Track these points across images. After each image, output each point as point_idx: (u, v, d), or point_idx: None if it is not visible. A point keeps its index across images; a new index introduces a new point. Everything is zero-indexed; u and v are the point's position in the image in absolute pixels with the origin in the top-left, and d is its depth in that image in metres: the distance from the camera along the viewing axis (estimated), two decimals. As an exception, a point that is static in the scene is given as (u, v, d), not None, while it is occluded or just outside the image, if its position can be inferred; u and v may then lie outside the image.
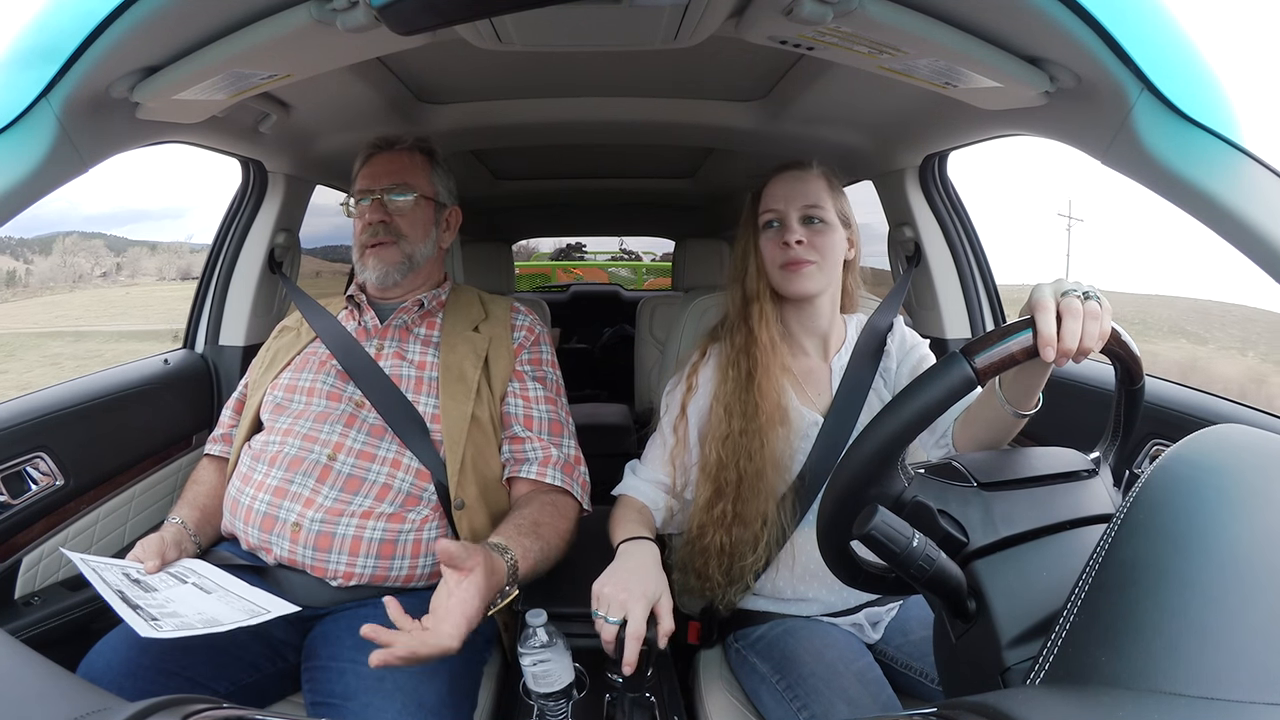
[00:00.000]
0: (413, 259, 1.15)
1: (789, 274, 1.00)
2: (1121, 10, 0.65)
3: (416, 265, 1.16)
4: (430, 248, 1.18)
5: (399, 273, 1.14)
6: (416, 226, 1.15)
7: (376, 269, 1.13)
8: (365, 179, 1.16)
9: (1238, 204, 0.65)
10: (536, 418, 1.10)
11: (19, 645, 0.42)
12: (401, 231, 1.13)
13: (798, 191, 1.01)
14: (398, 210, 1.13)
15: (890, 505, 0.57)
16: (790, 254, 0.98)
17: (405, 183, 1.14)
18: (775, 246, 1.00)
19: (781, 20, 0.73)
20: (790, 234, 0.98)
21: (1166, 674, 0.33)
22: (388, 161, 1.16)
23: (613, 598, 0.78)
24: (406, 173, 1.15)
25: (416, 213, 1.15)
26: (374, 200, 1.13)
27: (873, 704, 0.83)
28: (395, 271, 1.13)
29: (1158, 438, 1.01)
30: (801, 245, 0.98)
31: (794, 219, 1.00)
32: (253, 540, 0.97)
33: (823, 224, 1.00)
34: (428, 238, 1.17)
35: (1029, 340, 0.59)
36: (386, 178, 1.14)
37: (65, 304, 9.10)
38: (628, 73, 1.30)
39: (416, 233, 1.15)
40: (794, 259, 0.98)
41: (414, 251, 1.15)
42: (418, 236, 1.15)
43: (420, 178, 1.17)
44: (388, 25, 0.66)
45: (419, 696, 0.83)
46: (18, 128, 0.69)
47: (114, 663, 0.84)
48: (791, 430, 0.99)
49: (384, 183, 1.14)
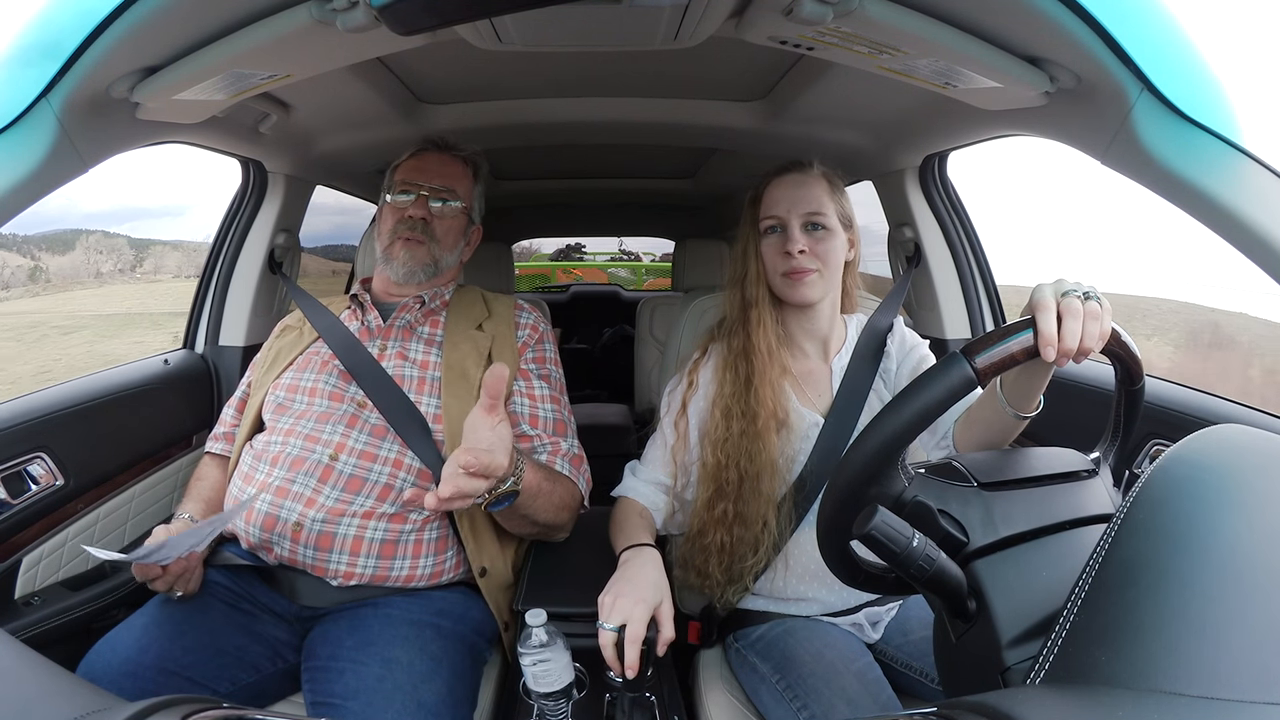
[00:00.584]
0: (439, 264, 1.16)
1: (791, 282, 0.99)
2: (1121, 10, 0.65)
3: (441, 270, 1.17)
4: (454, 259, 1.20)
5: (424, 273, 1.15)
6: (450, 234, 1.16)
7: (406, 263, 1.13)
8: (412, 172, 1.16)
9: (1237, 204, 0.65)
10: (542, 417, 1.10)
11: (19, 645, 0.42)
12: (436, 235, 1.14)
13: (800, 197, 1.00)
14: (438, 214, 1.14)
15: (890, 505, 0.57)
16: (793, 263, 0.98)
17: (453, 189, 1.15)
18: (777, 253, 1.00)
19: (781, 20, 0.73)
20: (793, 243, 0.98)
21: (1166, 674, 0.33)
22: (441, 164, 1.17)
23: (613, 605, 0.78)
24: (457, 180, 1.17)
25: (454, 222, 1.16)
26: (419, 196, 1.14)
27: (873, 704, 0.83)
28: (421, 271, 1.14)
29: (1158, 438, 1.01)
30: (804, 254, 0.98)
31: (796, 226, 0.99)
32: (254, 540, 0.97)
33: (824, 230, 1.00)
34: (455, 248, 1.18)
35: (1030, 340, 0.59)
36: (438, 178, 1.15)
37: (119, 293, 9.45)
38: (628, 73, 1.30)
39: (449, 240, 1.16)
40: (797, 268, 0.98)
41: (441, 258, 1.16)
42: (449, 244, 1.16)
43: (466, 188, 1.18)
44: (388, 25, 0.66)
45: (419, 696, 0.83)
46: (18, 128, 0.69)
47: (114, 663, 0.85)
48: (792, 432, 0.99)
49: (434, 182, 1.15)
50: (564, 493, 1.01)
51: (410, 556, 0.97)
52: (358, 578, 0.95)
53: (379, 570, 0.95)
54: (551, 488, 0.96)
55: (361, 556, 0.94)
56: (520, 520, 0.97)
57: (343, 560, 0.94)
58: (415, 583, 0.98)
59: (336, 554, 0.94)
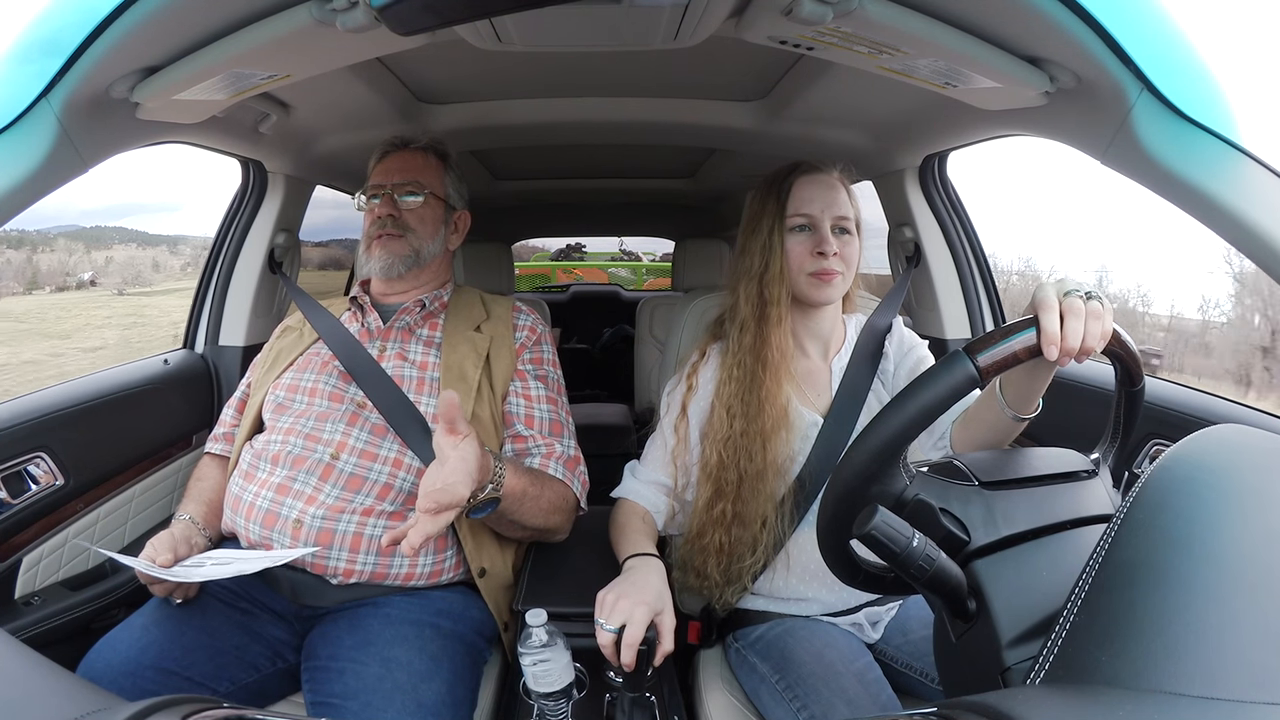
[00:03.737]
0: (419, 254, 1.16)
1: (818, 283, 0.99)
2: (1121, 10, 0.65)
3: (423, 261, 1.17)
4: (438, 246, 1.19)
5: (404, 265, 1.15)
6: (425, 224, 1.16)
7: (382, 259, 1.14)
8: (378, 175, 1.17)
9: (1237, 204, 0.65)
10: (538, 417, 1.10)
11: (19, 645, 0.42)
12: (409, 226, 1.15)
13: (831, 200, 1.00)
14: (407, 208, 1.15)
15: (891, 504, 0.57)
16: (825, 264, 0.98)
17: (417, 181, 1.16)
18: (806, 253, 0.99)
19: (781, 20, 0.73)
20: (827, 245, 0.97)
21: (1166, 674, 0.33)
22: (401, 160, 1.17)
23: (614, 605, 0.78)
24: (419, 171, 1.17)
25: (426, 211, 1.16)
26: (384, 196, 1.15)
27: (872, 704, 0.83)
28: (400, 263, 1.14)
29: (1158, 438, 1.01)
30: (835, 256, 0.98)
31: (827, 228, 0.99)
32: (253, 537, 0.97)
33: (849, 235, 1.00)
34: (436, 236, 1.18)
35: (1032, 339, 0.58)
36: (399, 175, 1.16)
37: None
38: (628, 73, 1.30)
39: (425, 229, 1.16)
40: (828, 269, 0.98)
41: (421, 247, 1.16)
42: (426, 233, 1.16)
43: (432, 178, 1.18)
44: (388, 25, 0.66)
45: (419, 696, 0.83)
46: (18, 128, 0.69)
47: (114, 663, 0.85)
48: (792, 431, 0.99)
49: (396, 179, 1.15)
50: (553, 496, 1.00)
51: (409, 554, 0.97)
52: (357, 575, 0.95)
53: (378, 568, 0.95)
54: (539, 492, 0.96)
55: (361, 554, 0.94)
56: (509, 525, 0.97)
57: (342, 557, 0.94)
58: (415, 581, 0.98)
59: (336, 551, 0.94)
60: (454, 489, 0.77)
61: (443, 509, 0.77)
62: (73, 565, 1.15)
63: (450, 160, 1.22)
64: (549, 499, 0.99)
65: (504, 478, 0.88)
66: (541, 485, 0.98)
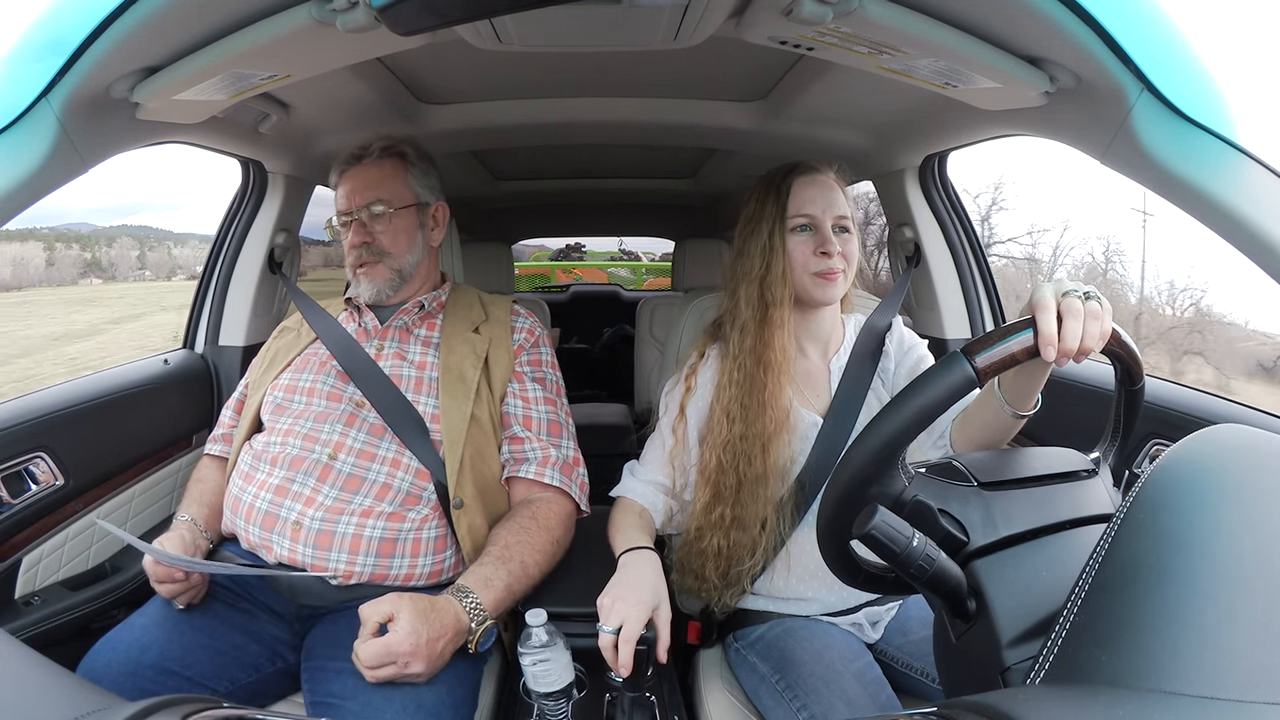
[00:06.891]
0: (402, 272, 1.14)
1: (822, 282, 0.99)
2: (1121, 11, 0.65)
3: (407, 276, 1.15)
4: (419, 254, 1.17)
5: (391, 288, 1.14)
6: (399, 239, 1.14)
7: (369, 289, 1.13)
8: (342, 199, 1.14)
9: (1237, 204, 0.65)
10: (536, 418, 1.10)
11: (19, 645, 0.42)
12: (385, 249, 1.12)
13: (831, 200, 1.00)
14: (379, 230, 1.12)
15: (890, 504, 0.57)
16: (829, 263, 0.98)
17: (379, 198, 1.12)
18: (809, 253, 0.99)
19: (781, 20, 0.73)
20: (830, 244, 0.97)
21: (1166, 674, 0.33)
22: (359, 177, 1.14)
23: (612, 607, 0.78)
24: (378, 186, 1.13)
25: (397, 224, 1.13)
26: (354, 222, 1.13)
27: (872, 704, 0.83)
28: (387, 288, 1.14)
29: (1158, 438, 1.01)
30: (838, 255, 0.98)
31: (829, 228, 0.99)
32: (253, 539, 0.97)
33: (849, 234, 1.01)
34: (413, 246, 1.15)
35: (1030, 340, 0.59)
36: (360, 195, 1.12)
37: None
38: (627, 73, 1.30)
39: (400, 245, 1.14)
40: (832, 269, 0.98)
41: (402, 265, 1.14)
42: (402, 249, 1.14)
43: (395, 186, 1.14)
44: (388, 26, 0.66)
45: (419, 696, 0.83)
46: (18, 128, 0.69)
47: (114, 663, 0.85)
48: (791, 432, 0.98)
49: (359, 201, 1.12)
50: (533, 550, 0.97)
51: (409, 555, 0.97)
52: (356, 576, 0.95)
53: (378, 569, 0.95)
54: (511, 570, 0.93)
55: (360, 555, 0.94)
56: (524, 593, 0.95)
57: (341, 558, 0.94)
58: (414, 581, 0.98)
59: (335, 552, 0.94)
60: (410, 666, 0.80)
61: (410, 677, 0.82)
62: (73, 565, 1.16)
63: (410, 155, 1.18)
64: (539, 557, 0.97)
65: (481, 604, 0.87)
66: (518, 558, 0.94)
